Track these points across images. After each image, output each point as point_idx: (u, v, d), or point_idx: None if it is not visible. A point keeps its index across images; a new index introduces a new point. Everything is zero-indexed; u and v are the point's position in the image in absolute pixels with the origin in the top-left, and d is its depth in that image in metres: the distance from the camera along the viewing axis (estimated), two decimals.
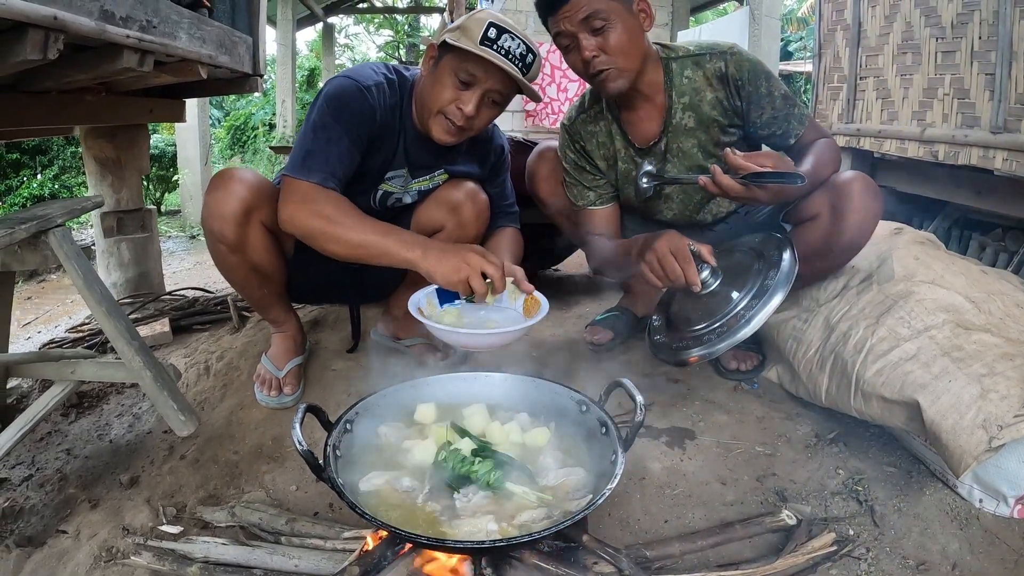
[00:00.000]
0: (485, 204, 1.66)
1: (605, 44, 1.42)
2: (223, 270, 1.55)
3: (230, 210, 1.43)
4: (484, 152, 1.69)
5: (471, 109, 1.41)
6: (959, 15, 2.35)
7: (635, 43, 1.45)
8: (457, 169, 1.65)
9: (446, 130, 1.45)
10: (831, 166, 1.48)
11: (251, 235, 1.47)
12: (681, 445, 1.47)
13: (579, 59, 1.45)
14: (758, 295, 1.35)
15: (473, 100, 1.41)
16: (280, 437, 1.52)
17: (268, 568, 1.11)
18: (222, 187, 1.45)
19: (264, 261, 1.53)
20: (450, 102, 1.41)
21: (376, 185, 1.58)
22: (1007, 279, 1.52)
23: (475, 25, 1.36)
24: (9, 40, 1.07)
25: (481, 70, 1.38)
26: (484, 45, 1.35)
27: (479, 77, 1.39)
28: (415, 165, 1.59)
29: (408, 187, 1.62)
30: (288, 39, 8.93)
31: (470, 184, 1.66)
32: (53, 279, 4.27)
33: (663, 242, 1.35)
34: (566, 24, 1.42)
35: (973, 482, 1.24)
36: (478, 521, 0.96)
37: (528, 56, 1.39)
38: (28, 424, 1.33)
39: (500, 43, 1.35)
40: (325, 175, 1.37)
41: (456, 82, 1.40)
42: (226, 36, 1.88)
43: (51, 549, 1.22)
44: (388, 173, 1.57)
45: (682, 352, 1.43)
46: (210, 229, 1.46)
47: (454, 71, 1.39)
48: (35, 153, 5.53)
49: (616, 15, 1.41)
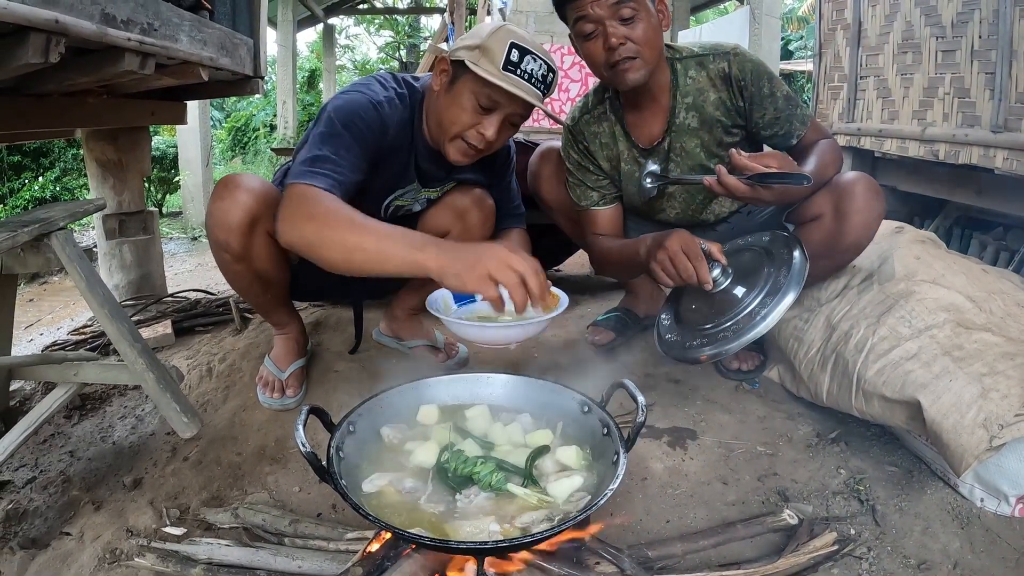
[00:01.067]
0: (491, 209, 1.65)
1: (632, 33, 1.40)
2: (227, 277, 1.54)
3: (235, 220, 1.39)
4: (490, 156, 1.67)
5: (492, 134, 1.37)
6: (959, 14, 2.35)
7: (657, 37, 1.45)
8: (466, 177, 1.64)
9: (464, 153, 1.41)
10: (834, 167, 1.48)
11: (256, 244, 1.44)
12: (683, 445, 1.48)
13: (601, 46, 1.43)
14: (771, 293, 1.35)
15: (495, 125, 1.37)
16: (283, 438, 1.53)
17: (271, 569, 1.12)
18: (227, 196, 1.40)
19: (269, 268, 1.51)
20: (470, 127, 1.37)
21: (386, 199, 1.56)
22: (1008, 278, 1.53)
23: (497, 46, 1.29)
24: (11, 44, 1.07)
25: (504, 97, 1.33)
26: (507, 70, 1.29)
27: (501, 103, 1.34)
28: (426, 178, 1.58)
29: (418, 196, 1.62)
30: (289, 40, 8.95)
31: (476, 190, 1.65)
32: (55, 281, 4.28)
33: (674, 241, 1.35)
34: (596, 8, 1.38)
35: (974, 481, 1.24)
36: (480, 522, 0.96)
37: (549, 76, 1.35)
38: (31, 426, 1.33)
39: (523, 67, 1.30)
40: (332, 182, 1.26)
41: (476, 106, 1.35)
42: (227, 38, 1.89)
43: (55, 551, 1.23)
44: (398, 190, 1.55)
45: (694, 350, 1.42)
46: (215, 239, 1.43)
47: (475, 95, 1.34)
48: (37, 155, 5.54)
49: (643, 8, 1.40)
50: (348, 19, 15.43)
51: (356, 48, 17.93)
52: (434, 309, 1.33)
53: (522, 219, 1.77)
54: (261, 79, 2.27)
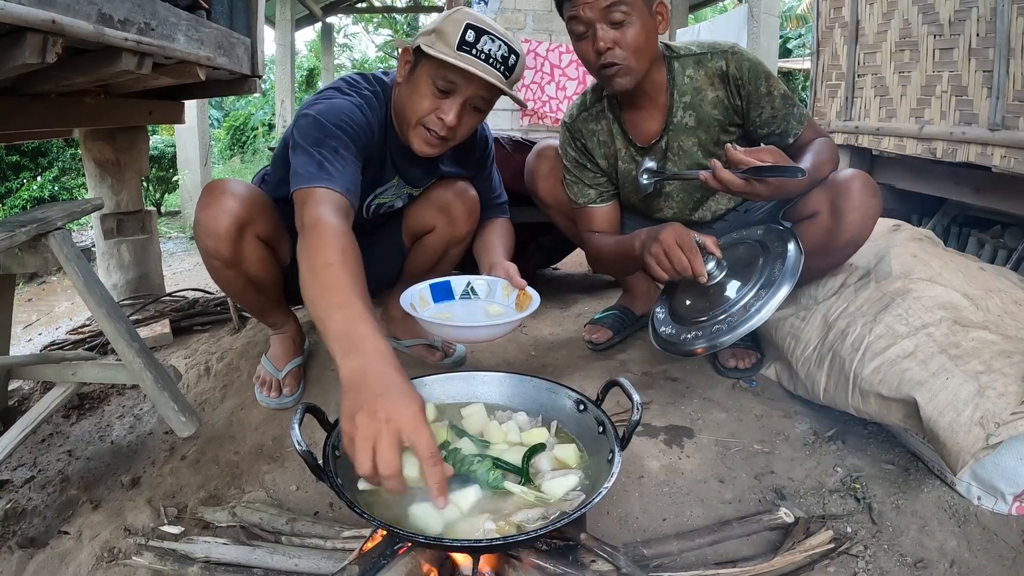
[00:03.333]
0: (475, 201, 1.65)
1: (622, 39, 1.40)
2: (219, 283, 1.53)
3: (223, 227, 1.38)
4: (469, 148, 1.65)
5: (452, 118, 1.34)
6: (957, 12, 2.35)
7: (649, 43, 1.44)
8: (447, 171, 1.64)
9: (426, 142, 1.39)
10: (830, 164, 1.48)
11: (246, 250, 1.44)
12: (679, 443, 1.48)
13: (591, 49, 1.43)
14: (765, 286, 1.35)
15: (454, 109, 1.33)
16: (280, 437, 1.53)
17: (268, 568, 1.12)
18: (214, 203, 1.39)
19: (260, 272, 1.50)
20: (429, 112, 1.34)
21: (367, 199, 1.55)
22: (1005, 276, 1.53)
23: (451, 28, 1.28)
24: (8, 44, 1.07)
25: (460, 77, 1.30)
26: (462, 50, 1.27)
27: (459, 84, 1.32)
28: (407, 176, 1.57)
29: (399, 192, 1.62)
30: (287, 39, 8.93)
31: (459, 182, 1.64)
32: (54, 281, 4.28)
33: (668, 234, 1.35)
34: (586, 11, 1.38)
35: (971, 479, 1.24)
36: (476, 520, 0.97)
37: (511, 58, 1.32)
38: (30, 426, 1.34)
39: (480, 47, 1.28)
40: (347, 188, 1.22)
41: (434, 90, 1.32)
42: (224, 37, 1.89)
43: (53, 550, 1.23)
44: (378, 188, 1.54)
45: (689, 344, 1.42)
46: (204, 247, 1.42)
47: (431, 79, 1.32)
48: (35, 155, 5.54)
49: (637, 12, 1.39)
50: (347, 18, 15.41)
51: (355, 47, 17.93)
52: (407, 304, 1.31)
53: (505, 209, 1.76)
54: (259, 78, 2.28)
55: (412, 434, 0.86)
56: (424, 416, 0.88)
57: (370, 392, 0.88)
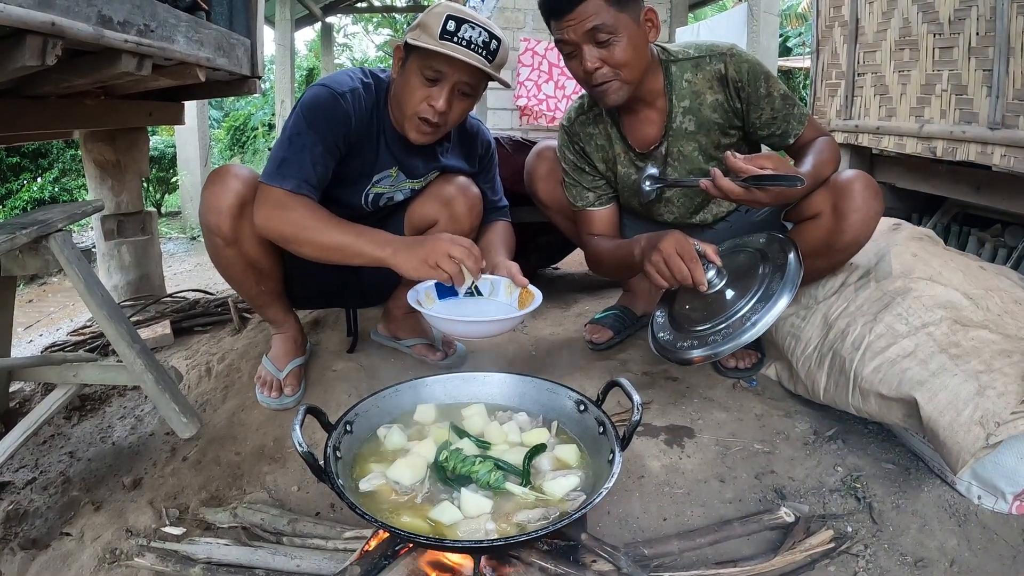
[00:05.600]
0: (477, 197, 1.66)
1: (609, 57, 1.41)
2: (220, 266, 1.55)
3: (225, 203, 1.44)
4: (471, 147, 1.69)
5: (442, 104, 1.40)
6: (956, 11, 2.35)
7: (639, 55, 1.44)
8: (448, 164, 1.66)
9: (420, 130, 1.46)
10: (831, 165, 1.48)
11: (246, 228, 1.47)
12: (680, 443, 1.48)
13: (580, 68, 1.45)
14: (763, 298, 1.35)
15: (443, 95, 1.40)
16: (281, 438, 1.53)
17: (270, 568, 1.12)
18: (218, 182, 1.47)
19: (260, 256, 1.53)
20: (421, 101, 1.42)
21: (365, 187, 1.58)
22: (1005, 275, 1.53)
23: (433, 20, 1.36)
24: (8, 46, 1.08)
25: (445, 65, 1.38)
26: (444, 39, 1.34)
27: (445, 72, 1.39)
28: (405, 167, 1.59)
29: (400, 185, 1.63)
30: (286, 39, 8.92)
31: (461, 178, 1.66)
32: (54, 282, 4.29)
33: (669, 242, 1.35)
34: (570, 33, 1.40)
35: (971, 479, 1.25)
36: (476, 520, 0.97)
37: (492, 43, 1.38)
38: (31, 427, 1.34)
39: (460, 35, 1.35)
40: (299, 181, 1.39)
41: (423, 80, 1.40)
42: (224, 38, 1.89)
43: (55, 551, 1.23)
44: (375, 176, 1.57)
45: (686, 351, 1.43)
46: (206, 223, 1.48)
47: (420, 70, 1.40)
48: (35, 157, 5.55)
49: (623, 27, 1.39)
50: (346, 18, 15.40)
51: (354, 47, 17.93)
52: (414, 301, 1.36)
53: (506, 212, 1.79)
54: (259, 79, 2.28)
55: (451, 241, 1.34)
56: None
57: (413, 241, 1.37)
